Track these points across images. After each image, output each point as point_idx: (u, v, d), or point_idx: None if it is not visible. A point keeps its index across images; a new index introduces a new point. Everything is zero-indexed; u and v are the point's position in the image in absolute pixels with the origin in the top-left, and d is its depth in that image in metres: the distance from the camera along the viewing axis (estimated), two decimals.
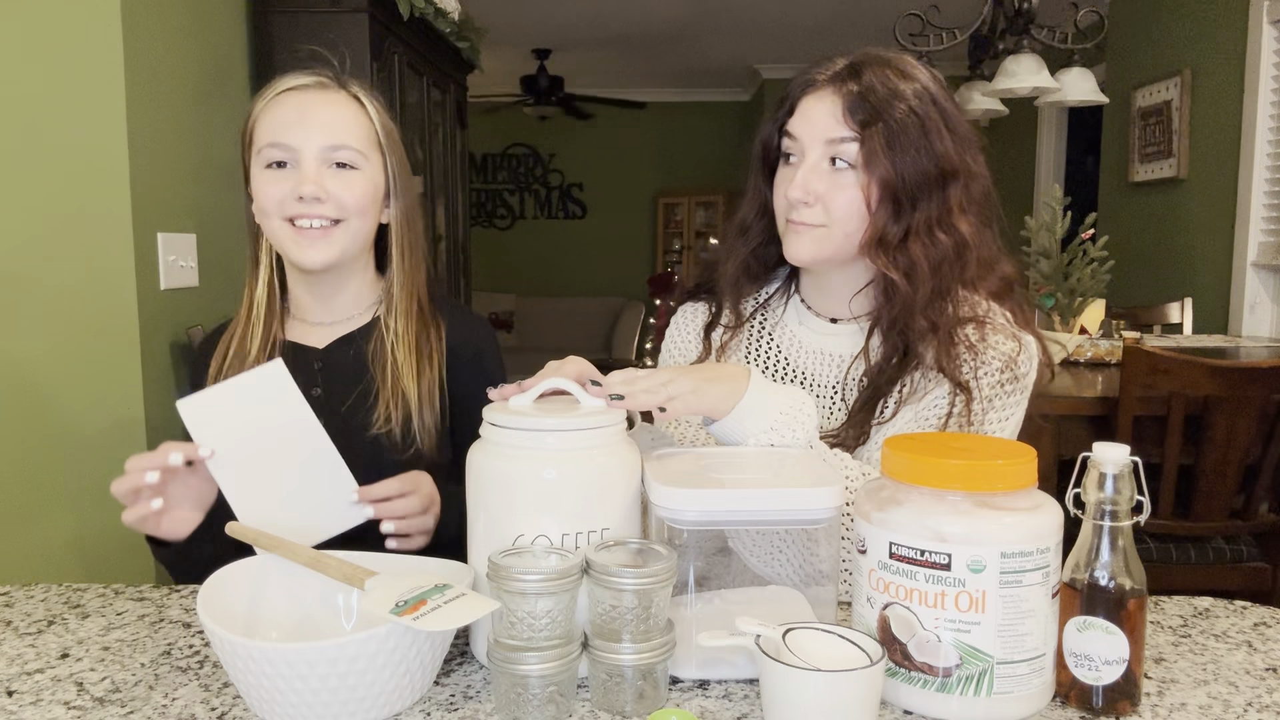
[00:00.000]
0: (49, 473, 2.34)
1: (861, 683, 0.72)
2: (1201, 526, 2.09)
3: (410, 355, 1.20)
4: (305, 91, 1.17)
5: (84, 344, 2.33)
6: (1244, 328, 3.50)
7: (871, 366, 1.13)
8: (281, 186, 1.14)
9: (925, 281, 1.08)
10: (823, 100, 1.09)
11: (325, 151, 1.14)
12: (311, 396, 1.20)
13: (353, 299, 1.25)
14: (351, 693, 0.75)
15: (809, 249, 1.11)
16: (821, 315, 1.21)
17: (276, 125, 1.15)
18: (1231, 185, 3.58)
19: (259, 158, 1.16)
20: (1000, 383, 1.09)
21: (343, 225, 1.16)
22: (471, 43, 3.89)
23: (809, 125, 1.09)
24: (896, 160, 1.05)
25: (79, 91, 2.28)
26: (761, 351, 1.22)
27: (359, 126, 1.18)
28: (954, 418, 1.07)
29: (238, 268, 1.30)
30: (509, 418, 0.85)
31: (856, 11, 5.30)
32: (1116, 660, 0.77)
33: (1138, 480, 0.79)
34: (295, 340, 1.24)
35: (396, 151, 1.21)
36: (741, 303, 1.25)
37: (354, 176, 1.16)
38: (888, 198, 1.07)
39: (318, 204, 1.13)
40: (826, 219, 1.09)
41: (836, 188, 1.08)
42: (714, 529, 0.92)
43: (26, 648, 0.93)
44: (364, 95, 1.20)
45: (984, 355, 1.09)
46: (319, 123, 1.15)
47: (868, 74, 1.08)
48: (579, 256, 8.30)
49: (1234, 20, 3.57)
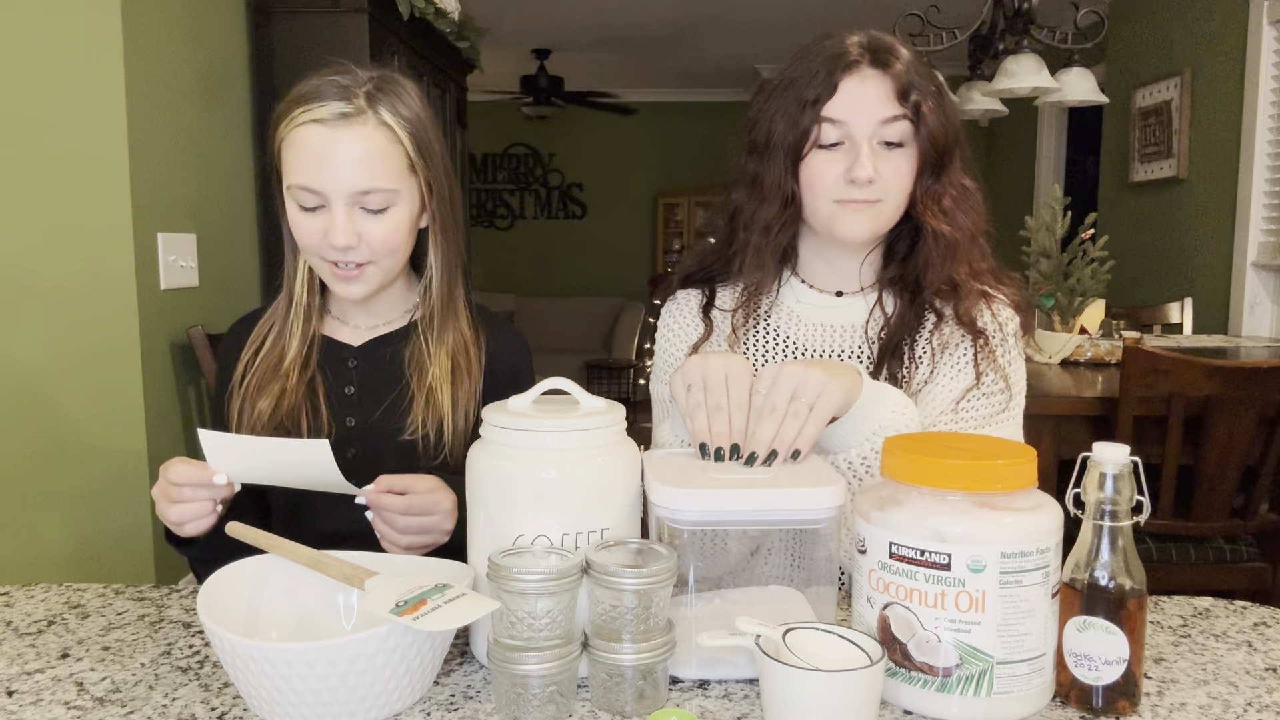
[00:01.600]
0: (49, 473, 2.34)
1: (861, 683, 0.72)
2: (1201, 526, 2.09)
3: (447, 362, 1.19)
4: (329, 126, 1.08)
5: (84, 344, 2.33)
6: (1244, 328, 3.50)
7: (889, 316, 1.19)
8: (316, 230, 1.11)
9: (964, 228, 1.16)
10: (865, 81, 1.11)
11: (354, 196, 1.10)
12: (345, 395, 1.20)
13: (390, 303, 1.24)
14: (351, 693, 0.75)
15: (868, 226, 1.13)
16: (825, 290, 1.21)
17: (302, 165, 1.10)
18: (1231, 185, 3.58)
19: (290, 194, 1.12)
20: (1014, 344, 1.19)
21: (374, 265, 1.14)
22: (471, 43, 3.89)
23: (858, 107, 1.11)
24: (934, 131, 1.12)
25: (79, 92, 2.29)
26: (759, 334, 1.22)
27: (389, 162, 1.11)
28: (982, 361, 1.15)
29: (238, 268, 1.30)
30: (509, 418, 0.85)
31: (856, 11, 5.30)
32: (1116, 660, 0.77)
33: (1138, 480, 0.79)
34: (329, 335, 1.23)
35: (434, 164, 1.16)
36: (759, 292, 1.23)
37: (385, 218, 1.12)
38: (929, 164, 1.14)
39: (350, 251, 1.11)
40: (883, 193, 1.12)
41: (889, 163, 1.12)
42: (714, 529, 0.92)
43: (26, 648, 0.93)
44: (394, 116, 1.11)
45: (994, 307, 1.19)
46: (346, 163, 1.08)
47: (898, 52, 1.13)
48: (579, 256, 8.30)
49: (1234, 20, 3.57)
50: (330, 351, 1.21)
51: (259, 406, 1.17)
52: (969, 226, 1.17)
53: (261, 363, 1.19)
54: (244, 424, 1.17)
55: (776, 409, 0.90)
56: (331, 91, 1.10)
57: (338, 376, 1.21)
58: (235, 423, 1.18)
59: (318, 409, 1.18)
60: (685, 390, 0.93)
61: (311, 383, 1.19)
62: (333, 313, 1.25)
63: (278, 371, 1.18)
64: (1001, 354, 1.17)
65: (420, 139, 1.14)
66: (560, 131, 8.05)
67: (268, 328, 1.22)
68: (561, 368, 5.82)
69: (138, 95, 2.34)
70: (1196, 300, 3.69)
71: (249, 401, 1.18)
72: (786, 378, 0.92)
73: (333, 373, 1.21)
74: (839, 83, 1.11)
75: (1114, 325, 2.64)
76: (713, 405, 0.91)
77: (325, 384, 1.19)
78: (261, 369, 1.19)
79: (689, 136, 8.06)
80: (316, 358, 1.20)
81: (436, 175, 1.16)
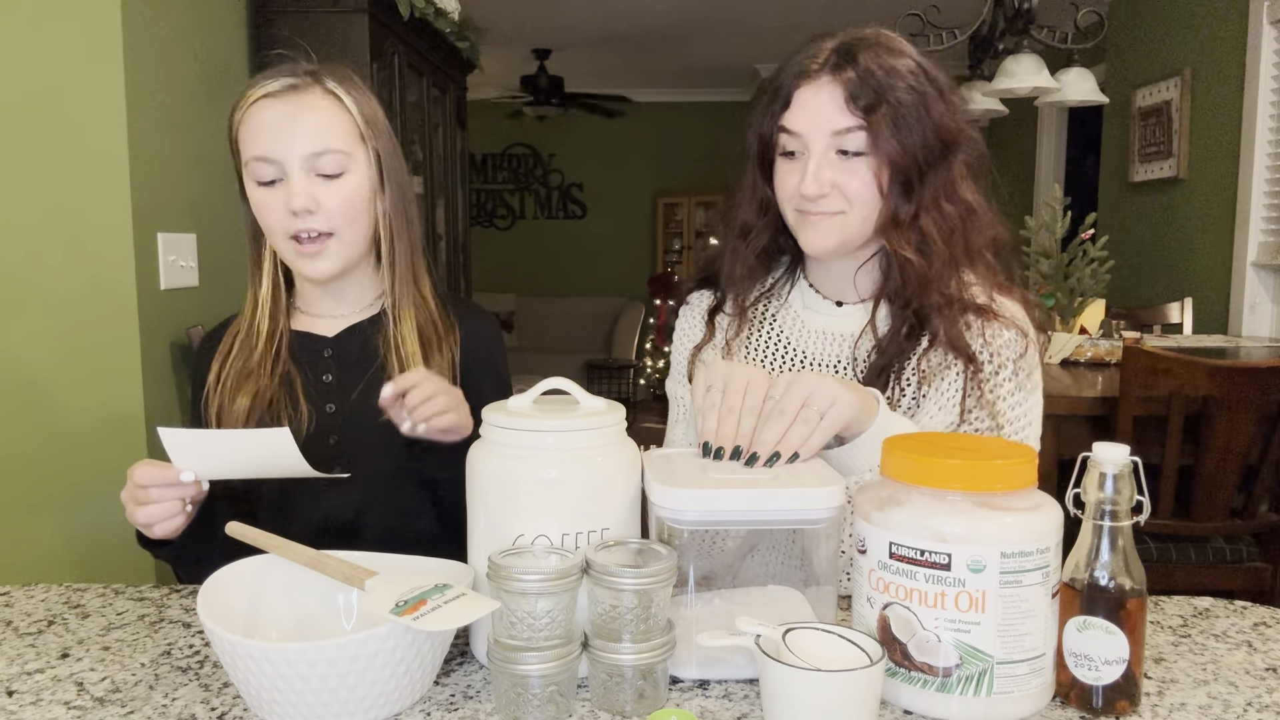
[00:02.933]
0: (49, 472, 2.34)
1: (861, 683, 0.72)
2: (1201, 526, 2.09)
3: (418, 344, 1.21)
4: (279, 98, 1.15)
5: (84, 344, 2.33)
6: (1244, 328, 3.50)
7: (881, 338, 1.14)
8: (277, 206, 1.14)
9: (939, 255, 1.09)
10: (821, 90, 1.07)
11: (309, 159, 1.13)
12: (323, 383, 1.22)
13: (359, 291, 1.26)
14: (351, 693, 0.75)
15: (831, 237, 1.10)
16: (828, 298, 1.20)
17: (257, 138, 1.15)
18: (1231, 185, 3.58)
19: (248, 171, 1.16)
20: (1010, 374, 1.11)
21: (335, 238, 1.16)
22: (471, 42, 3.89)
23: (810, 118, 1.07)
24: (904, 140, 1.06)
25: (79, 91, 2.28)
26: (763, 338, 1.21)
27: (339, 125, 1.16)
28: (969, 396, 1.09)
29: (238, 267, 1.30)
30: (509, 418, 0.85)
31: (856, 11, 5.29)
32: (1116, 660, 0.77)
33: (1138, 480, 0.79)
34: (302, 330, 1.25)
35: (383, 139, 1.20)
36: (747, 295, 1.24)
37: (341, 184, 1.15)
38: (898, 177, 1.08)
39: (310, 216, 1.13)
40: (845, 204, 1.09)
41: (849, 174, 1.08)
42: (714, 529, 0.92)
43: (26, 648, 0.93)
44: (340, 89, 1.17)
45: (989, 333, 1.12)
46: (298, 130, 1.13)
47: (862, 57, 1.07)
48: (579, 256, 8.30)
49: (1234, 20, 3.57)
50: (305, 344, 1.23)
51: (237, 405, 1.18)
52: (953, 249, 1.10)
53: (233, 363, 1.21)
54: (224, 425, 1.18)
55: (786, 413, 0.90)
56: (280, 71, 1.18)
57: (314, 367, 1.22)
58: (215, 425, 1.19)
59: (296, 401, 1.19)
60: (705, 390, 0.94)
61: (288, 376, 1.21)
62: (302, 308, 1.27)
63: (249, 368, 1.20)
64: (990, 387, 1.10)
65: (366, 112, 1.19)
66: (560, 131, 8.05)
67: (235, 330, 1.24)
68: (561, 368, 5.82)
69: (138, 95, 2.34)
70: (1196, 300, 3.69)
71: (227, 401, 1.19)
72: (801, 385, 0.92)
73: (309, 364, 1.22)
74: (794, 92, 1.09)
75: (1114, 325, 2.64)
76: (726, 409, 0.91)
77: (303, 375, 1.21)
78: (234, 369, 1.21)
79: (688, 136, 8.06)
80: (287, 352, 1.22)
81: (387, 153, 1.21)
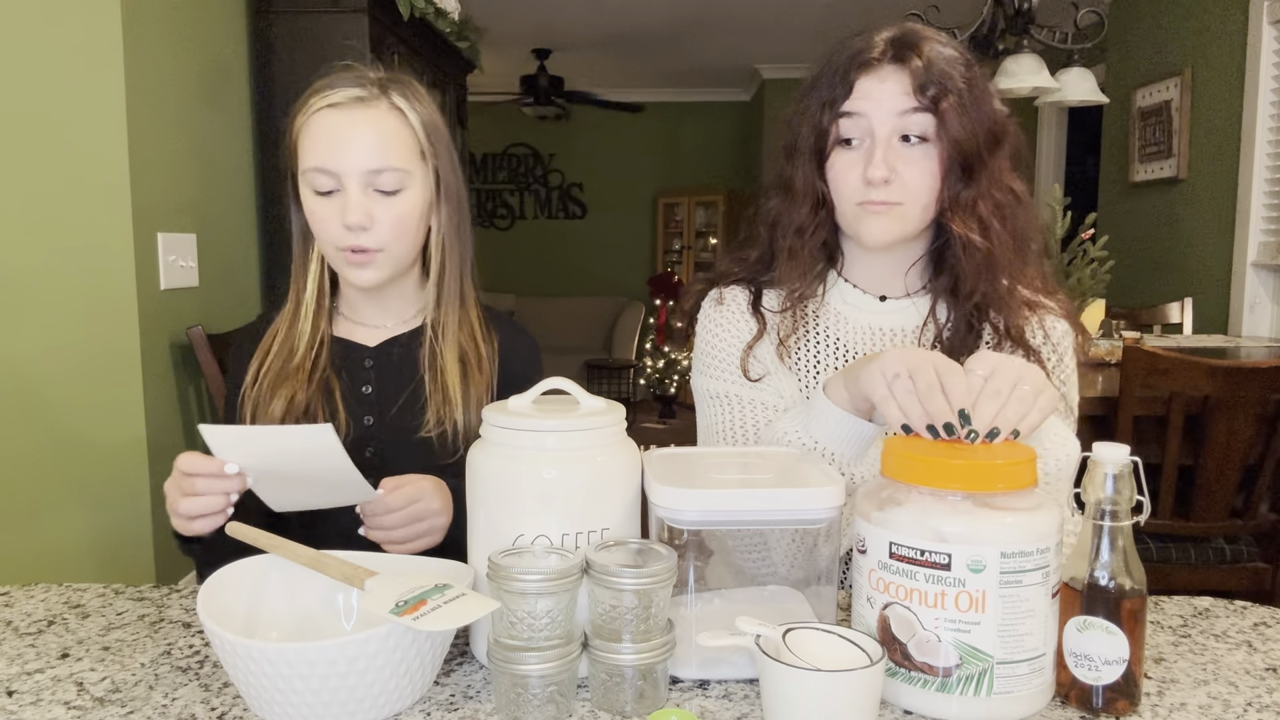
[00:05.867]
0: (49, 472, 2.34)
1: (861, 683, 0.72)
2: (1201, 526, 2.09)
3: (458, 361, 1.20)
4: (343, 110, 1.14)
5: (84, 344, 2.33)
6: (1244, 328, 3.50)
7: (946, 339, 1.14)
8: (331, 216, 1.13)
9: (1001, 238, 1.12)
10: (886, 79, 1.09)
11: (368, 175, 1.13)
12: (362, 394, 1.21)
13: (403, 301, 1.25)
14: (351, 693, 0.75)
15: (890, 229, 1.11)
16: (870, 293, 1.20)
17: (316, 147, 1.14)
18: (1231, 185, 3.58)
19: (305, 179, 1.15)
20: (1071, 361, 1.16)
21: (384, 253, 1.16)
22: (471, 42, 3.90)
23: (875, 103, 1.09)
24: (966, 128, 1.08)
25: (79, 92, 2.29)
26: (811, 336, 1.20)
27: (401, 142, 1.15)
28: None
29: (238, 268, 1.31)
30: (509, 418, 0.85)
31: (856, 11, 5.30)
32: (1116, 660, 0.77)
33: (1138, 480, 0.79)
34: (344, 337, 1.24)
35: (443, 156, 1.20)
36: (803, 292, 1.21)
37: (397, 201, 1.15)
38: (958, 165, 1.10)
39: (364, 233, 1.13)
40: (903, 195, 1.10)
41: (910, 163, 1.09)
42: (714, 529, 0.92)
43: (26, 648, 0.93)
44: (405, 103, 1.17)
45: (1046, 324, 1.15)
46: (359, 145, 1.13)
47: (924, 47, 1.09)
48: (579, 256, 8.30)
49: (1234, 20, 3.57)
50: (347, 352, 1.23)
51: (272, 408, 1.17)
52: (1010, 236, 1.12)
53: (271, 365, 1.20)
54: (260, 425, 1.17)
55: (1000, 392, 0.86)
56: (347, 80, 1.16)
57: (355, 377, 1.22)
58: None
59: (335, 409, 1.19)
60: (892, 378, 0.89)
61: (327, 384, 1.20)
62: (345, 314, 1.27)
63: (288, 371, 1.19)
64: (1057, 373, 1.13)
65: (430, 129, 1.19)
66: (560, 131, 8.05)
67: (275, 330, 1.23)
68: (561, 368, 5.81)
69: (138, 95, 2.34)
70: (1196, 300, 3.69)
71: (262, 404, 1.18)
72: (1010, 366, 0.88)
73: (349, 373, 1.22)
74: (856, 80, 1.10)
75: (1114, 325, 2.64)
76: (926, 387, 0.86)
77: (342, 385, 1.20)
78: (272, 371, 1.20)
79: (689, 137, 8.07)
80: (328, 358, 1.21)
81: (446, 171, 1.20)
